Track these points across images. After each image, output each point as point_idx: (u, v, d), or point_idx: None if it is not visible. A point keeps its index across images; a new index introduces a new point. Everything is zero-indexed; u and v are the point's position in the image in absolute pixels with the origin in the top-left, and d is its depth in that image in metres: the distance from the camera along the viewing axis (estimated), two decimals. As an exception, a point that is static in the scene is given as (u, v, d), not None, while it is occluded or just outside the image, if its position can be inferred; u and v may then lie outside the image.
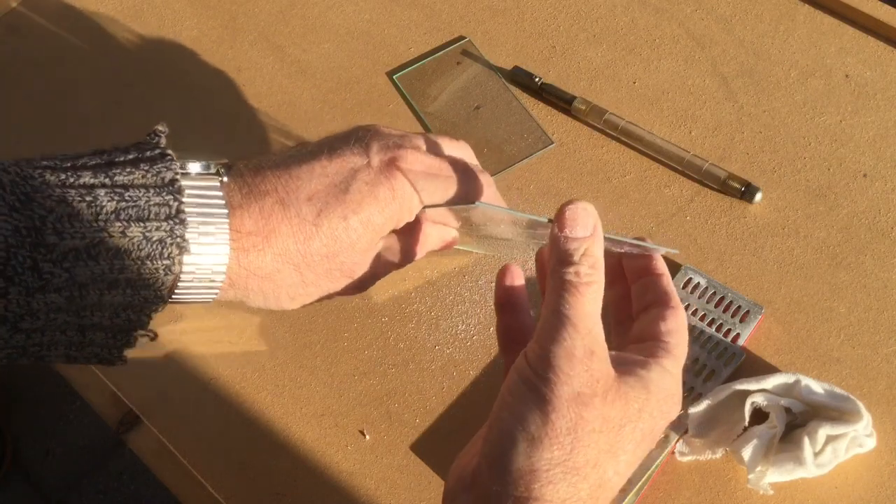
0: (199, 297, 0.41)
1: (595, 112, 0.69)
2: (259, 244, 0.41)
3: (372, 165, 0.44)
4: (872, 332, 0.58)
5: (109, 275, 0.37)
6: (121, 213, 0.37)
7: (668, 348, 0.40)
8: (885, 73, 0.69)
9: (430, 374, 0.61)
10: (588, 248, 0.38)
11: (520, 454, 0.36)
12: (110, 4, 0.83)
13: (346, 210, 0.42)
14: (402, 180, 0.44)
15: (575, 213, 0.38)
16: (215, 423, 0.62)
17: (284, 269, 0.42)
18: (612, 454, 0.37)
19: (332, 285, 0.45)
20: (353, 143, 0.45)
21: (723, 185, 0.64)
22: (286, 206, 0.42)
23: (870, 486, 0.54)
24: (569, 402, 0.36)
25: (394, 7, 0.78)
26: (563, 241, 0.38)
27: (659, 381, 0.38)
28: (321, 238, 0.42)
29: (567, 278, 0.37)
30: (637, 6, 0.75)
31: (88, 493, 1.48)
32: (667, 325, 0.40)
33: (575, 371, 0.36)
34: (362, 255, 0.45)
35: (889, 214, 0.63)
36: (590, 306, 0.37)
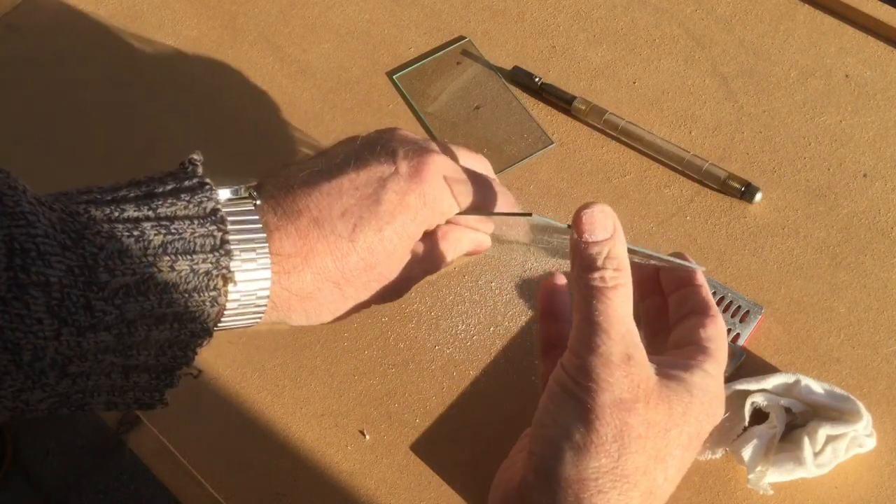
0: (243, 323, 0.41)
1: (595, 112, 0.69)
2: (299, 265, 0.41)
3: (400, 173, 0.43)
4: (872, 332, 0.58)
5: (158, 309, 0.37)
6: (168, 247, 0.37)
7: (708, 352, 0.40)
8: (885, 73, 0.69)
9: (430, 374, 0.61)
10: (611, 251, 0.37)
11: (567, 464, 0.36)
12: (110, 4, 0.83)
13: (380, 222, 0.42)
14: (431, 186, 0.44)
15: (592, 216, 0.38)
16: (215, 423, 0.62)
17: (325, 287, 0.42)
18: (660, 460, 0.36)
19: (371, 296, 0.45)
20: (379, 151, 0.44)
21: (723, 185, 0.64)
22: (321, 225, 0.41)
23: (870, 486, 0.54)
24: (611, 409, 0.36)
25: (394, 7, 0.78)
26: (584, 246, 0.37)
27: (701, 384, 0.38)
28: (358, 252, 0.42)
29: (593, 284, 0.37)
30: (637, 6, 0.75)
31: (88, 492, 1.48)
32: (707, 331, 0.41)
33: (614, 378, 0.36)
34: (398, 264, 0.44)
35: (889, 214, 0.63)
36: (620, 310, 0.37)
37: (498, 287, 0.63)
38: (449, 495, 0.57)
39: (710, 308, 0.42)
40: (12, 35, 0.83)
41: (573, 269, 0.38)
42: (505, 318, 0.62)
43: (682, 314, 0.43)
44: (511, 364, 0.60)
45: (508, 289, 0.63)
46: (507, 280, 0.64)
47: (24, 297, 0.34)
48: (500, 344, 0.61)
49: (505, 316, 0.62)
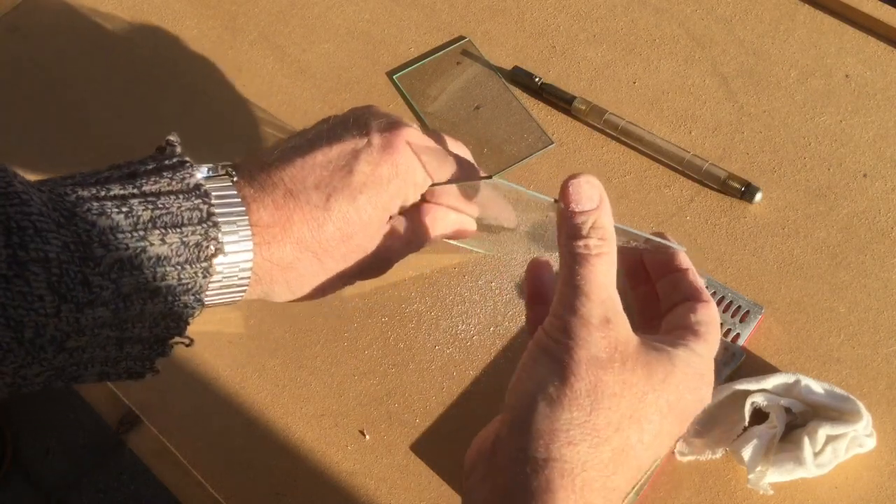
0: (228, 297, 0.42)
1: (595, 112, 0.69)
2: (278, 235, 0.42)
3: (373, 144, 0.45)
4: (872, 331, 0.58)
5: (152, 283, 0.38)
6: (157, 221, 0.38)
7: (698, 333, 0.40)
8: (885, 73, 0.68)
9: (430, 374, 0.61)
10: (596, 221, 0.38)
11: (539, 415, 0.36)
12: (110, 4, 0.83)
13: (353, 192, 0.43)
14: (404, 156, 0.45)
15: (579, 186, 0.38)
16: (215, 423, 0.62)
17: (304, 258, 0.43)
18: (635, 420, 0.37)
19: (351, 268, 0.46)
20: (352, 125, 0.46)
21: (723, 185, 0.64)
22: (296, 196, 0.43)
23: (870, 486, 0.54)
24: (587, 365, 0.36)
25: (394, 7, 0.78)
26: (570, 215, 0.38)
27: (686, 359, 0.38)
28: (334, 222, 0.43)
29: (577, 251, 0.38)
30: (637, 6, 0.75)
31: (88, 492, 1.48)
32: (697, 315, 0.41)
33: (592, 337, 0.36)
34: (375, 234, 0.45)
35: (889, 214, 0.63)
36: (603, 277, 0.37)
37: (498, 287, 0.63)
38: (449, 495, 0.57)
39: (701, 293, 0.42)
40: (12, 35, 0.83)
41: (559, 237, 0.39)
42: (505, 318, 0.62)
43: (673, 301, 0.43)
44: (511, 364, 0.60)
45: (508, 289, 0.63)
46: (507, 280, 0.64)
47: (25, 274, 0.34)
48: (500, 344, 0.61)
49: (505, 316, 0.62)
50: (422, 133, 0.47)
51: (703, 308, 0.41)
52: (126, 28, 0.81)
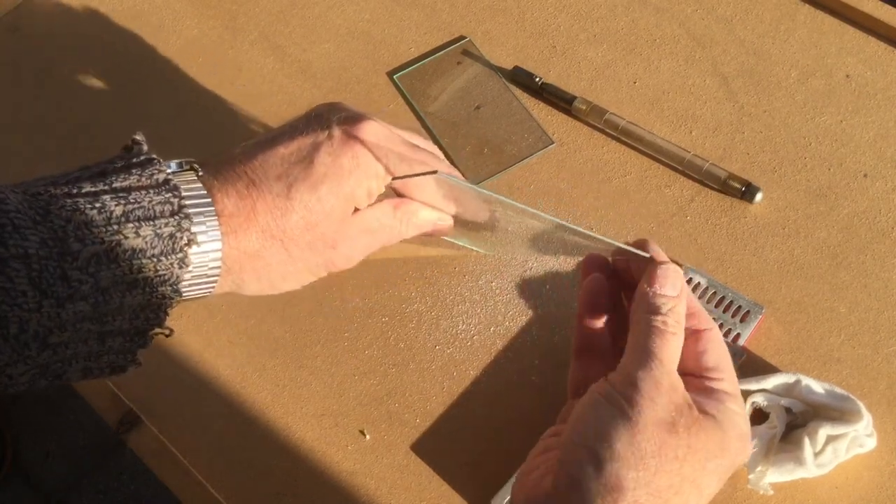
0: (202, 288, 0.43)
1: (595, 112, 0.68)
2: (243, 224, 0.43)
3: (333, 137, 0.46)
4: (873, 331, 0.58)
5: (129, 275, 0.39)
6: (129, 215, 0.39)
7: (723, 386, 0.41)
8: (886, 73, 0.68)
9: (431, 374, 0.61)
10: (675, 307, 0.41)
11: (604, 472, 0.37)
12: (110, 4, 0.83)
13: (314, 181, 0.45)
14: (363, 148, 0.46)
15: (666, 273, 0.41)
16: (215, 423, 0.61)
17: (270, 246, 0.44)
18: (696, 485, 0.38)
19: (319, 258, 0.47)
20: (314, 120, 0.47)
21: (723, 185, 0.64)
22: (258, 186, 0.44)
23: (870, 486, 0.54)
24: (654, 425, 0.37)
25: (394, 7, 0.78)
26: (654, 296, 0.41)
27: (732, 422, 0.40)
28: (296, 211, 0.44)
29: (655, 324, 0.40)
30: (637, 6, 0.75)
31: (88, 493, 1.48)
32: (709, 356, 0.42)
33: (661, 398, 0.38)
34: (340, 224, 0.46)
35: (890, 214, 0.63)
36: (673, 352, 0.40)
37: (498, 287, 0.63)
38: (449, 495, 0.57)
39: (701, 320, 0.43)
40: (12, 35, 0.83)
41: (637, 312, 0.41)
42: (505, 317, 0.62)
43: None
44: (512, 364, 0.60)
45: (509, 289, 0.63)
46: (507, 280, 0.64)
47: (7, 271, 0.35)
48: (501, 344, 0.61)
49: (505, 316, 0.62)
50: (386, 127, 0.48)
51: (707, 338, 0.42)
52: (126, 28, 0.81)
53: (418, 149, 0.49)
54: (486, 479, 0.57)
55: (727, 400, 0.40)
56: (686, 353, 0.42)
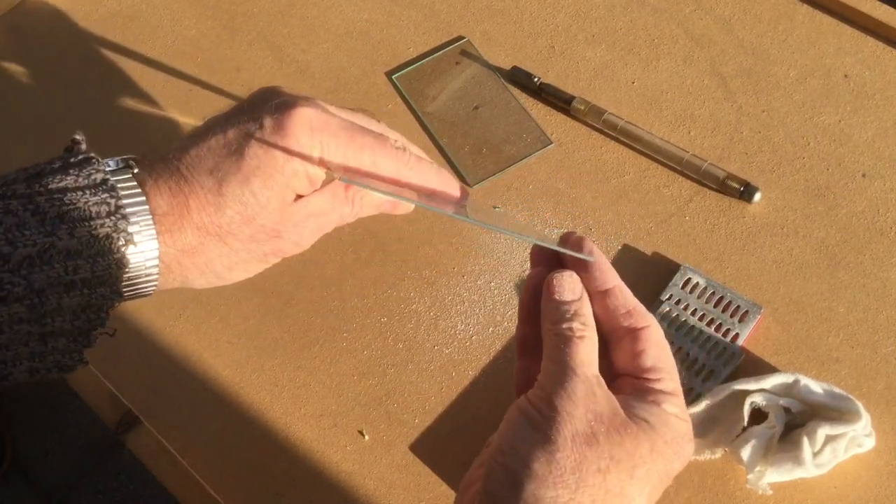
0: (142, 288, 0.43)
1: (594, 112, 0.69)
2: (177, 222, 0.42)
3: (264, 126, 0.44)
4: (871, 331, 0.58)
5: (65, 277, 0.39)
6: (65, 217, 0.39)
7: (661, 386, 0.40)
8: (884, 73, 0.68)
9: (429, 374, 0.61)
10: (578, 309, 0.40)
11: (523, 493, 0.36)
12: (110, 4, 0.83)
13: (244, 175, 0.43)
14: (296, 137, 0.44)
15: (561, 280, 0.41)
16: (214, 423, 0.61)
17: (208, 242, 0.44)
18: (623, 497, 0.37)
19: (265, 248, 0.46)
20: (248, 110, 0.45)
21: (722, 184, 0.64)
22: (190, 182, 0.43)
23: (869, 485, 0.54)
24: (572, 441, 0.36)
25: (393, 7, 0.78)
26: (554, 304, 0.41)
27: (666, 422, 0.39)
28: (230, 206, 0.43)
29: (563, 332, 0.39)
30: (636, 6, 0.75)
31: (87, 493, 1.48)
32: (647, 353, 0.40)
33: (578, 411, 0.37)
34: (280, 215, 0.45)
35: (888, 214, 0.63)
36: (586, 356, 0.39)
37: (497, 287, 0.63)
38: (448, 495, 0.57)
39: (635, 316, 0.41)
40: (12, 35, 0.83)
41: (544, 324, 0.41)
42: (504, 318, 0.62)
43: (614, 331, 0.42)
44: (510, 364, 0.60)
45: (507, 289, 0.63)
46: (506, 280, 0.64)
47: None
48: (499, 344, 0.61)
49: (504, 316, 0.62)
50: (323, 110, 0.46)
51: (645, 337, 0.40)
52: (126, 28, 0.81)
53: (362, 131, 0.46)
54: (485, 480, 0.57)
55: (664, 401, 0.39)
56: (624, 354, 0.41)
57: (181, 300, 0.66)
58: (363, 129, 0.46)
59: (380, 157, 0.46)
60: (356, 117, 0.48)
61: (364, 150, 0.45)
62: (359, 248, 0.67)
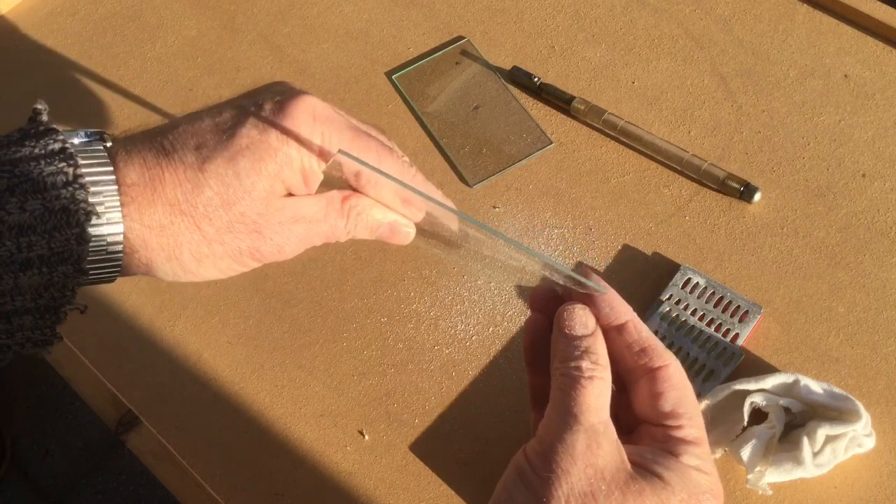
0: (107, 268, 0.39)
1: (594, 112, 0.69)
2: (147, 194, 0.39)
3: (263, 108, 0.41)
4: (871, 331, 0.58)
5: (18, 255, 0.36)
6: (15, 189, 0.36)
7: (681, 434, 0.37)
8: (884, 73, 0.69)
9: (429, 374, 0.61)
10: (590, 346, 0.37)
11: None
12: (110, 4, 0.83)
13: (233, 153, 0.39)
14: (297, 122, 0.40)
15: (573, 313, 0.38)
16: (214, 423, 0.62)
17: (179, 222, 0.39)
18: None
19: (241, 244, 0.41)
20: (249, 95, 0.42)
21: (722, 184, 0.64)
22: (170, 155, 0.39)
23: (869, 485, 0.54)
24: (566, 501, 0.34)
25: (393, 7, 0.78)
26: (563, 340, 0.37)
27: (682, 479, 0.35)
28: (210, 185, 0.39)
29: (570, 373, 0.36)
30: (636, 6, 0.75)
31: (87, 493, 1.48)
32: (665, 400, 0.37)
33: (576, 467, 0.34)
34: (264, 206, 0.41)
35: (888, 214, 0.63)
36: (594, 400, 0.36)
37: (497, 287, 0.63)
38: (448, 495, 0.57)
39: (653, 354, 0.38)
40: (12, 35, 0.83)
41: (553, 362, 0.38)
42: (504, 318, 0.62)
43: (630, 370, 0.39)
44: (510, 364, 0.60)
45: (507, 289, 0.63)
46: (506, 280, 0.64)
47: None
48: (500, 344, 0.61)
49: (504, 316, 0.62)
50: (331, 106, 0.43)
51: (663, 378, 0.37)
52: (126, 28, 0.81)
53: (369, 136, 0.43)
54: (485, 479, 0.57)
55: (685, 452, 0.36)
56: (641, 397, 0.38)
57: (181, 300, 0.66)
58: (370, 134, 0.43)
59: (385, 163, 0.42)
60: (367, 128, 0.45)
61: (370, 153, 0.42)
62: (359, 248, 0.67)
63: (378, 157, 0.42)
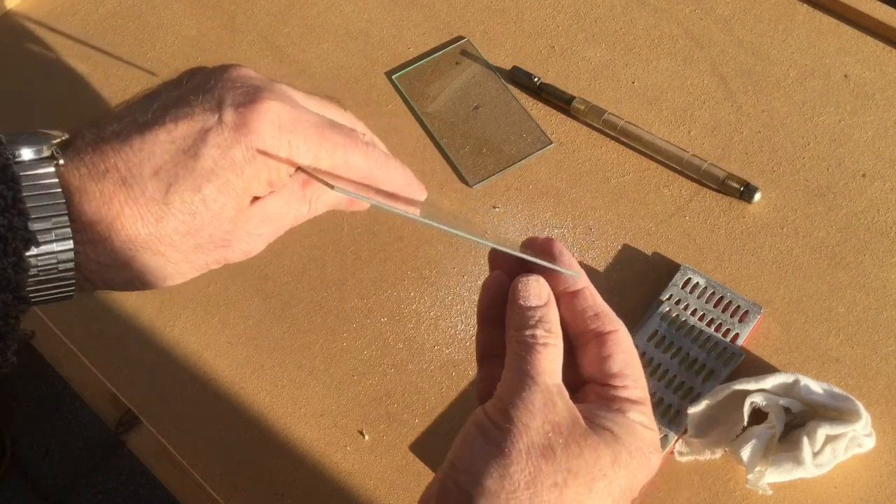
0: (56, 293, 0.38)
1: (594, 112, 0.69)
2: (104, 233, 0.37)
3: (224, 122, 0.38)
4: (871, 331, 0.58)
5: None
6: None
7: (627, 394, 0.38)
8: (884, 73, 0.69)
9: (429, 374, 0.61)
10: (543, 315, 0.39)
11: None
12: (110, 4, 0.83)
13: (198, 181, 0.37)
14: (262, 136, 0.38)
15: (528, 285, 0.39)
16: (215, 423, 0.61)
17: (140, 256, 0.38)
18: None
19: (208, 257, 0.40)
20: (204, 96, 0.39)
21: (722, 184, 0.64)
22: (129, 186, 0.37)
23: (869, 485, 0.54)
24: (527, 453, 0.35)
25: (393, 7, 0.78)
26: (519, 310, 0.39)
27: (630, 433, 0.37)
28: (175, 216, 0.37)
29: (525, 339, 0.38)
30: (636, 6, 0.75)
31: (87, 493, 1.48)
32: (613, 362, 0.38)
33: (534, 422, 0.35)
34: (232, 224, 0.40)
35: (888, 214, 0.63)
36: (548, 364, 0.37)
37: (497, 287, 0.63)
38: (448, 495, 0.57)
39: (602, 320, 0.39)
40: (12, 35, 0.83)
41: (508, 330, 0.39)
42: (504, 318, 0.62)
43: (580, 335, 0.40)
44: (510, 364, 0.60)
45: (507, 289, 0.63)
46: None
47: None
48: (499, 344, 0.61)
49: (504, 316, 0.62)
50: (290, 102, 0.40)
51: (613, 342, 0.39)
52: (126, 28, 0.81)
53: (333, 127, 0.41)
54: (485, 480, 0.57)
55: (630, 409, 0.38)
56: (590, 359, 0.39)
57: (181, 300, 0.66)
58: (333, 124, 0.41)
59: (351, 154, 0.41)
60: (324, 107, 0.43)
61: (336, 149, 0.40)
62: (359, 248, 0.67)
63: (345, 152, 0.41)
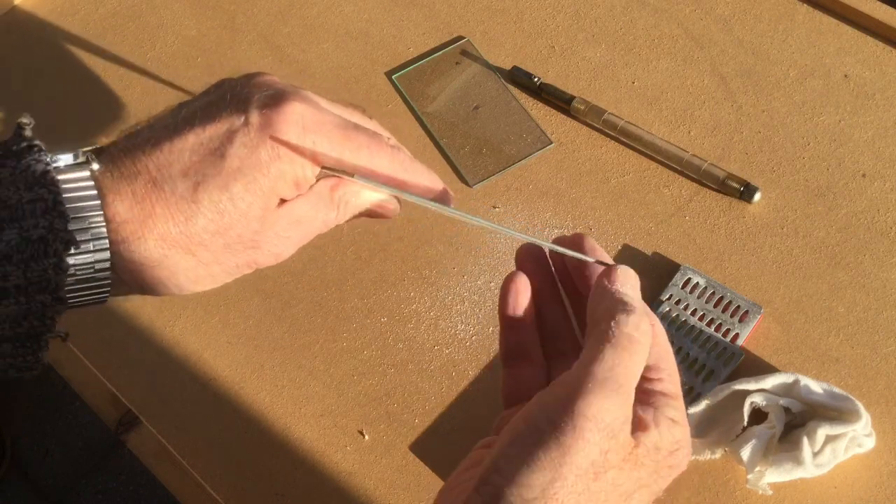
0: (92, 296, 0.39)
1: (594, 112, 0.69)
2: (137, 231, 0.38)
3: (251, 123, 0.39)
4: (871, 331, 0.58)
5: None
6: None
7: (662, 388, 0.37)
8: (884, 73, 0.68)
9: (429, 374, 0.61)
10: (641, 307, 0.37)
11: None
12: (110, 4, 0.83)
13: (225, 179, 0.38)
14: (286, 136, 0.39)
15: (626, 273, 0.38)
16: (215, 423, 0.62)
17: (172, 255, 0.39)
18: None
19: (238, 259, 0.41)
20: (231, 101, 0.40)
21: (722, 184, 0.64)
22: (160, 186, 0.38)
23: (869, 485, 0.54)
24: (578, 471, 0.33)
25: (393, 7, 0.78)
26: (615, 293, 0.37)
27: (667, 436, 0.36)
28: (205, 214, 0.38)
29: (627, 330, 0.36)
30: (636, 6, 0.75)
31: (87, 493, 1.48)
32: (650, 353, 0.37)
33: (597, 436, 0.34)
34: (260, 224, 0.40)
35: (888, 214, 0.63)
36: (635, 370, 0.36)
37: (497, 287, 0.63)
38: (448, 495, 0.57)
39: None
40: (11, 35, 0.83)
41: (596, 312, 0.37)
42: (504, 318, 0.62)
43: None
44: (510, 364, 0.60)
45: (507, 289, 0.63)
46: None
47: None
48: (500, 344, 0.61)
49: (504, 316, 0.62)
50: (314, 105, 0.42)
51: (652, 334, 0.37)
52: (126, 28, 0.81)
53: (358, 129, 0.42)
54: (485, 480, 0.57)
55: (665, 405, 0.37)
56: None
57: (181, 300, 0.66)
58: (358, 126, 0.42)
59: (376, 157, 0.42)
60: (349, 113, 0.44)
61: (361, 150, 0.41)
62: (359, 248, 0.67)
63: (370, 154, 0.41)
